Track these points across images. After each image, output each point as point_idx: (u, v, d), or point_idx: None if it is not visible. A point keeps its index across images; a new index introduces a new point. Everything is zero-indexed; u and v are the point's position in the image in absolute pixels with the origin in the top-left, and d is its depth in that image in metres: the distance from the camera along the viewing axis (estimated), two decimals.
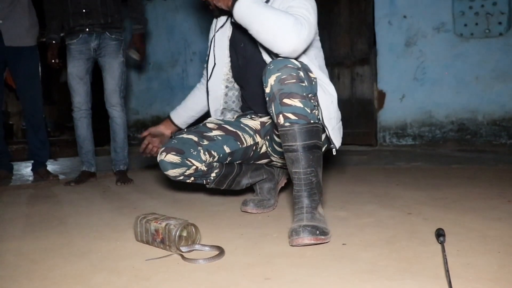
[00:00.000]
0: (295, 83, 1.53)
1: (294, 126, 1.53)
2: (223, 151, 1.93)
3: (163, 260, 1.38)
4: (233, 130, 2.00)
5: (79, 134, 3.13)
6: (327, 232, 1.51)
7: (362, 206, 2.04)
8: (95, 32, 3.01)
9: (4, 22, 3.18)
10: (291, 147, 1.54)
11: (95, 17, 2.99)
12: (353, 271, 1.23)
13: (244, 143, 1.99)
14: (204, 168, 1.90)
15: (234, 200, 2.27)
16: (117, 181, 3.02)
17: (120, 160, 3.15)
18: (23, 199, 2.63)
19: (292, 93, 1.52)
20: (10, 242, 1.66)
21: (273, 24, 1.60)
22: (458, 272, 1.17)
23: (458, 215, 1.81)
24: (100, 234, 1.74)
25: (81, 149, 3.16)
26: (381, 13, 4.77)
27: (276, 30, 1.60)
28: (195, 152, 1.86)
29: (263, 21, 1.61)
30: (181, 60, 6.04)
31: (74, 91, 3.07)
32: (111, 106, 3.08)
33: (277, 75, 1.54)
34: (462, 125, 4.52)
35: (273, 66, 1.57)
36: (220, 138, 1.95)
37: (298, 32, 1.60)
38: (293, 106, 1.53)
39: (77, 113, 3.10)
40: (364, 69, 4.95)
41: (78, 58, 3.04)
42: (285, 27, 1.59)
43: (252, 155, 2.04)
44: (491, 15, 4.36)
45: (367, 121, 4.91)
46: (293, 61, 1.57)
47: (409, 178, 2.78)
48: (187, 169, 1.86)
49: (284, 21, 1.60)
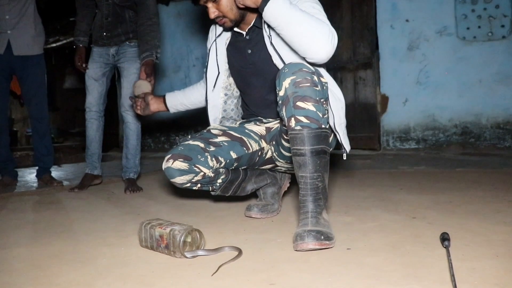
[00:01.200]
0: (310, 87, 1.53)
1: (303, 130, 1.54)
2: (230, 157, 1.93)
3: (167, 266, 1.38)
4: (238, 136, 2.00)
5: (88, 135, 3.16)
6: (331, 237, 1.51)
7: (366, 211, 2.04)
8: (113, 43, 3.06)
9: (12, 32, 3.22)
10: (299, 151, 1.55)
11: (116, 36, 3.04)
12: (358, 276, 1.22)
13: (250, 148, 1.99)
14: (212, 174, 1.89)
15: (238, 205, 2.27)
16: (125, 189, 2.94)
17: (131, 167, 3.11)
18: (28, 205, 2.63)
19: (306, 96, 1.53)
20: (15, 249, 1.67)
21: (311, 28, 1.58)
22: (464, 276, 1.17)
23: (463, 219, 1.80)
24: (105, 240, 1.74)
25: (88, 150, 3.18)
26: (383, 17, 4.78)
27: (313, 35, 1.59)
28: (202, 158, 1.86)
29: (300, 23, 1.59)
30: (183, 65, 6.06)
31: (88, 91, 3.12)
32: (126, 111, 3.07)
33: (292, 78, 1.55)
34: (465, 129, 4.51)
35: (288, 69, 1.57)
36: (226, 144, 1.94)
37: (332, 40, 1.61)
38: (306, 110, 1.53)
39: (88, 113, 3.13)
40: (367, 73, 4.95)
41: (97, 60, 3.09)
42: (322, 32, 1.59)
43: (258, 160, 2.04)
44: (493, 18, 4.37)
45: (370, 125, 4.91)
46: (307, 65, 1.58)
47: (413, 182, 2.78)
48: (194, 176, 1.86)
49: (321, 27, 1.59)
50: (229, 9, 1.80)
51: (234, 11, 1.81)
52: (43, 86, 3.37)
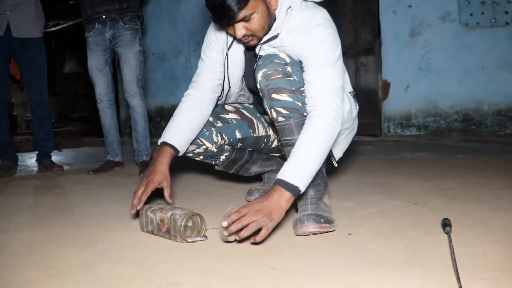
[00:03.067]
0: (281, 78, 1.52)
1: (290, 120, 1.54)
2: (234, 136, 1.91)
3: (169, 250, 1.38)
4: (249, 116, 1.97)
5: (104, 124, 3.17)
6: (332, 221, 1.51)
7: (367, 197, 2.04)
8: (110, 20, 2.99)
9: (11, 13, 3.18)
10: (290, 141, 1.54)
11: (110, 3, 2.97)
12: (360, 261, 1.22)
13: (256, 132, 1.97)
14: (215, 149, 1.88)
15: (240, 189, 2.27)
16: (140, 172, 2.95)
17: (143, 150, 3.11)
18: (29, 190, 2.63)
19: (279, 88, 1.52)
20: (16, 233, 1.67)
21: (327, 149, 1.48)
22: (465, 262, 1.17)
23: (464, 205, 1.80)
24: (105, 224, 1.74)
25: (106, 139, 3.19)
26: (385, 3, 4.73)
27: (329, 146, 1.49)
28: (207, 132, 1.84)
29: (322, 160, 1.47)
30: (184, 50, 6.02)
31: (95, 83, 3.10)
32: (130, 96, 3.06)
33: (264, 70, 1.54)
34: (467, 115, 4.49)
35: (262, 61, 1.56)
36: (235, 122, 1.92)
37: (337, 126, 1.49)
38: (283, 101, 1.53)
39: (100, 104, 3.13)
40: (369, 59, 4.92)
41: (95, 50, 3.05)
42: (333, 138, 1.49)
43: (263, 147, 2.02)
44: (497, 4, 4.32)
45: (372, 111, 4.89)
46: (281, 56, 1.55)
47: (414, 169, 2.77)
48: (197, 148, 1.84)
49: (330, 138, 1.48)
50: (261, 28, 1.53)
51: (266, 29, 1.55)
52: (43, 71, 3.35)
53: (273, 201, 1.37)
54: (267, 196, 1.39)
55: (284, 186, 1.39)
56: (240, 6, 1.43)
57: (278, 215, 1.38)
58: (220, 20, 1.49)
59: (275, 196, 1.38)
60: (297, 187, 1.40)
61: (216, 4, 1.42)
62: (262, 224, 1.34)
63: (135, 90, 3.03)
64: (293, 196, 1.40)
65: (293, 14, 1.55)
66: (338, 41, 1.55)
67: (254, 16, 1.48)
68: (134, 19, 3.05)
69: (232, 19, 1.46)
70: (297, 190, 1.40)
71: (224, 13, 1.43)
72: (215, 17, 1.49)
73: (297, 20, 1.54)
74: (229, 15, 1.44)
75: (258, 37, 1.56)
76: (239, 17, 1.46)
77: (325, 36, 1.52)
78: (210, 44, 1.79)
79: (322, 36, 1.51)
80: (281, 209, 1.38)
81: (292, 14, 1.55)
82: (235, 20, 1.47)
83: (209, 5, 1.46)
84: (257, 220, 1.33)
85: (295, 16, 1.55)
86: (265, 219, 1.34)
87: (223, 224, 1.32)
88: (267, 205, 1.36)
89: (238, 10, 1.43)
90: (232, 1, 1.41)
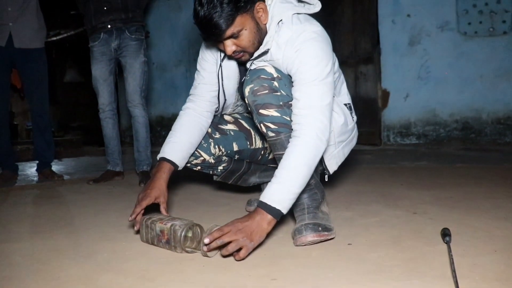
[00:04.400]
0: (267, 94, 1.52)
1: (280, 135, 1.54)
2: (231, 148, 1.92)
3: (169, 261, 1.38)
4: (247, 128, 1.97)
5: (105, 134, 3.17)
6: (330, 228, 1.51)
7: (367, 206, 2.04)
8: (114, 30, 3.01)
9: (14, 24, 3.21)
10: (282, 155, 1.51)
11: (115, 13, 2.99)
12: (360, 272, 1.23)
13: (253, 144, 1.98)
14: (212, 161, 1.88)
15: (239, 199, 2.27)
16: (140, 182, 2.97)
17: (143, 160, 3.13)
18: (29, 199, 2.64)
19: (266, 103, 1.53)
20: (16, 243, 1.67)
21: (312, 168, 1.46)
22: (465, 272, 1.17)
23: (464, 214, 1.80)
24: (105, 235, 1.74)
25: (107, 148, 3.20)
26: (384, 12, 4.76)
27: (312, 166, 1.47)
28: (205, 144, 1.85)
29: (304, 181, 1.45)
30: (184, 60, 6.05)
31: (98, 93, 3.11)
32: (133, 106, 3.08)
33: (250, 86, 1.54)
34: (466, 124, 4.51)
35: (249, 76, 1.56)
36: (233, 134, 1.93)
37: (321, 145, 1.47)
38: (271, 116, 1.54)
39: (102, 114, 3.14)
40: (368, 68, 4.94)
41: (100, 60, 3.06)
42: (318, 156, 1.47)
43: (261, 158, 2.02)
44: (495, 13, 4.35)
45: (371, 120, 4.90)
46: (268, 71, 1.54)
47: (414, 178, 2.78)
48: (194, 159, 1.85)
49: (308, 163, 1.45)
50: (250, 44, 1.52)
51: (256, 44, 1.53)
52: (44, 81, 3.37)
53: (254, 223, 1.39)
54: (250, 217, 1.41)
55: (266, 209, 1.41)
56: (227, 23, 1.43)
57: (259, 237, 1.39)
58: (209, 37, 1.50)
59: (257, 218, 1.40)
60: (279, 210, 1.41)
61: (204, 22, 1.43)
62: (242, 244, 1.35)
63: (138, 100, 3.05)
64: (274, 219, 1.42)
65: (283, 28, 1.53)
66: (329, 56, 1.52)
67: (242, 33, 1.48)
68: (139, 29, 3.09)
69: (220, 36, 1.47)
70: (279, 213, 1.41)
71: (211, 30, 1.44)
72: (204, 35, 1.49)
73: (287, 35, 1.52)
74: (215, 33, 1.45)
75: (249, 52, 1.54)
76: (226, 34, 1.46)
77: (314, 51, 1.49)
78: (205, 56, 1.79)
79: (312, 52, 1.49)
80: (262, 231, 1.40)
81: (282, 28, 1.53)
82: (222, 37, 1.47)
83: (197, 23, 1.46)
84: (237, 240, 1.35)
85: (285, 30, 1.53)
86: (245, 240, 1.36)
87: (205, 241, 1.35)
88: (248, 226, 1.38)
89: (225, 27, 1.43)
90: (219, 19, 1.41)
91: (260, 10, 1.51)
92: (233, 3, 1.42)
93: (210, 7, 1.40)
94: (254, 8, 1.49)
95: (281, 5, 1.55)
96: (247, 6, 1.47)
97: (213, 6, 1.40)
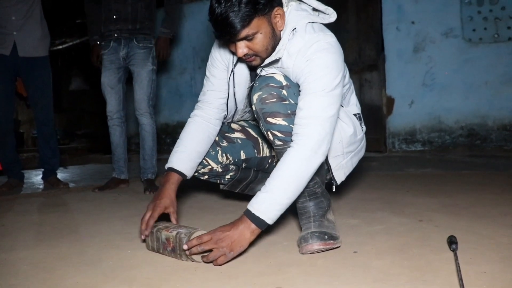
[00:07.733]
0: (276, 102, 1.51)
1: (287, 144, 1.51)
2: (238, 156, 1.92)
3: (174, 269, 1.38)
4: (255, 136, 1.97)
5: (112, 141, 3.19)
6: (336, 237, 1.50)
7: (372, 213, 2.03)
8: (122, 38, 3.04)
9: (18, 33, 3.23)
10: None
11: (123, 23, 3.02)
12: (365, 280, 1.22)
13: (260, 152, 1.97)
14: (220, 169, 1.88)
15: (245, 207, 2.26)
16: (145, 190, 2.98)
17: (149, 168, 3.14)
18: (34, 207, 2.64)
19: (274, 112, 1.51)
20: (21, 251, 1.67)
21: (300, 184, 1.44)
22: (472, 280, 1.16)
23: (470, 222, 1.79)
24: (111, 242, 1.74)
25: (113, 155, 3.21)
26: (389, 19, 4.76)
27: (305, 179, 1.45)
28: (213, 152, 1.85)
29: (294, 194, 1.45)
30: (189, 67, 6.07)
31: (106, 100, 3.14)
32: (140, 114, 3.10)
33: (259, 94, 1.53)
34: (472, 131, 4.49)
35: (258, 83, 1.55)
36: (240, 142, 1.92)
37: (318, 158, 1.44)
38: (278, 125, 1.53)
39: (110, 121, 3.16)
40: (373, 75, 4.94)
41: (109, 68, 3.10)
42: (306, 174, 1.44)
43: (268, 167, 2.01)
44: (499, 19, 4.35)
45: (376, 127, 4.89)
46: (277, 78, 1.53)
47: (419, 185, 2.76)
48: (202, 168, 1.85)
49: (301, 175, 1.43)
50: (264, 49, 1.49)
51: (269, 50, 1.50)
52: (49, 89, 3.39)
53: (237, 231, 1.39)
54: (233, 225, 1.41)
55: (250, 218, 1.40)
56: (243, 24, 1.39)
57: (239, 247, 1.39)
58: (222, 36, 1.45)
59: (240, 226, 1.40)
60: (263, 220, 1.40)
61: (219, 20, 1.39)
62: (221, 253, 1.36)
63: (145, 108, 3.07)
64: (258, 229, 1.41)
65: (296, 37, 1.51)
66: (339, 68, 1.48)
67: (257, 36, 1.45)
68: (148, 38, 3.10)
69: (234, 36, 1.43)
70: (264, 223, 1.41)
71: (226, 29, 1.40)
72: (217, 33, 1.45)
73: (299, 44, 1.50)
74: (230, 32, 1.41)
75: (261, 57, 1.52)
76: (241, 35, 1.43)
77: (325, 62, 1.46)
78: (215, 62, 1.76)
79: (322, 63, 1.46)
80: (244, 241, 1.40)
81: (295, 36, 1.51)
82: (236, 38, 1.43)
83: (211, 20, 1.42)
84: (217, 249, 1.35)
85: (298, 39, 1.50)
86: (225, 249, 1.36)
87: (184, 247, 1.37)
88: (230, 235, 1.38)
89: (240, 28, 1.40)
90: (236, 18, 1.38)
91: (278, 15, 1.48)
92: (251, 3, 1.39)
93: (228, 5, 1.37)
94: (272, 12, 1.46)
95: (296, 13, 1.53)
96: (266, 9, 1.43)
97: (231, 4, 1.37)
